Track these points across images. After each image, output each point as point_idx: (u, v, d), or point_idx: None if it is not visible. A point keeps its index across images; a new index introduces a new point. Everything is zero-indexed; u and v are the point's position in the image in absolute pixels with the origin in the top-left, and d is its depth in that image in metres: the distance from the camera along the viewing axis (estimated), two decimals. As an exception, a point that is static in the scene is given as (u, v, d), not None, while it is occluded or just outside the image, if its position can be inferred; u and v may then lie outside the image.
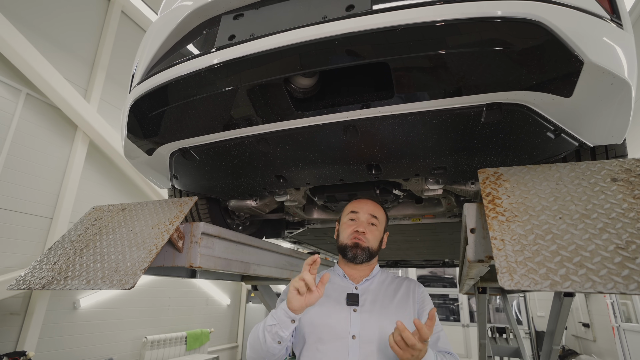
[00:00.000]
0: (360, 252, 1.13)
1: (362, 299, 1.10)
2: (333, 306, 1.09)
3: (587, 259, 0.63)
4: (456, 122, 0.97)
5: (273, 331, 0.97)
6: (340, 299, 1.11)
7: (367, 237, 1.15)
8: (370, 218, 1.18)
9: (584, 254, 0.64)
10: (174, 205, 1.33)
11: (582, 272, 0.61)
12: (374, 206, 1.22)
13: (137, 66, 1.27)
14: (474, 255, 0.85)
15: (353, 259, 1.13)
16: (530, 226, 0.72)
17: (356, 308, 1.07)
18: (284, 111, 1.05)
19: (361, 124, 1.03)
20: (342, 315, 1.06)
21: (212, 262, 1.29)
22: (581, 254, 0.64)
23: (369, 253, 1.14)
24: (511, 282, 0.64)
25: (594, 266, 0.61)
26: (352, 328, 1.03)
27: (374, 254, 1.17)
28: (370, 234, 1.16)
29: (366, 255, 1.14)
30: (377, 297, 1.11)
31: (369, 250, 1.14)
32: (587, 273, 0.61)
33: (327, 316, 1.07)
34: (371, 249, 1.15)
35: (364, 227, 1.16)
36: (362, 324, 1.03)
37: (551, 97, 0.86)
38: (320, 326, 1.05)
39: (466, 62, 0.82)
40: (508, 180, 0.87)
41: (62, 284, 1.12)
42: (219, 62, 0.98)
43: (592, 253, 0.63)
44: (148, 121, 1.23)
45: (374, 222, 1.18)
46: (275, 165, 1.28)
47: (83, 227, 1.39)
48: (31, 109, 3.71)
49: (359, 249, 1.13)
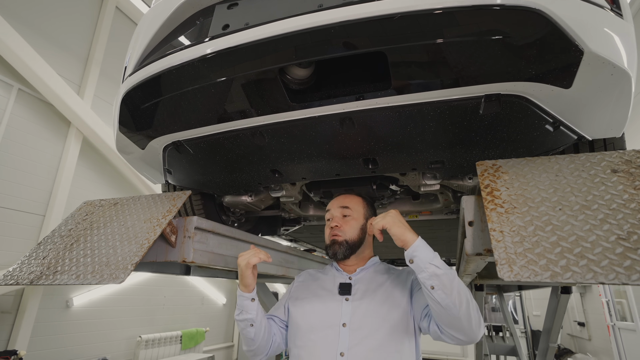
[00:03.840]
0: (337, 247, 1.13)
1: (355, 288, 1.10)
2: (326, 296, 1.10)
3: (588, 249, 0.62)
4: (454, 114, 0.95)
5: (242, 318, 1.02)
6: (334, 289, 1.11)
7: (342, 230, 1.14)
8: (341, 210, 1.18)
9: (585, 245, 0.62)
10: (167, 200, 1.30)
11: (583, 263, 0.60)
12: (344, 197, 1.22)
13: (130, 58, 1.25)
14: (472, 248, 0.83)
15: (334, 256, 1.14)
16: (530, 217, 0.71)
17: (348, 297, 1.07)
18: (279, 103, 1.03)
19: (358, 116, 1.01)
20: (334, 305, 1.06)
21: (206, 257, 1.27)
22: (582, 244, 0.63)
23: (348, 245, 1.13)
24: (510, 273, 0.63)
25: (595, 257, 0.60)
26: (343, 316, 1.03)
27: (354, 244, 1.15)
28: (344, 224, 1.15)
29: (345, 248, 1.12)
30: (370, 285, 1.10)
31: (347, 243, 1.13)
32: (588, 264, 0.60)
33: (319, 306, 1.08)
34: (349, 240, 1.13)
35: (336, 221, 1.16)
36: (353, 312, 1.03)
37: (550, 88, 0.85)
38: (312, 316, 1.06)
39: (464, 52, 0.80)
40: (507, 172, 0.85)
41: (51, 279, 1.09)
42: (212, 52, 0.96)
43: (593, 244, 0.62)
44: (140, 113, 1.21)
45: (345, 212, 1.17)
46: (271, 159, 1.26)
47: (74, 222, 1.36)
48: (23, 104, 3.65)
49: (335, 244, 1.13)
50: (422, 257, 0.84)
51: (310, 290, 1.16)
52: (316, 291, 1.14)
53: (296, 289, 1.20)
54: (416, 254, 0.85)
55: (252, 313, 1.03)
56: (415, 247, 0.86)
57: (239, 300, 1.05)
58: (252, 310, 1.03)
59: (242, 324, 1.04)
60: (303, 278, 1.25)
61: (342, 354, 0.96)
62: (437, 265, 0.83)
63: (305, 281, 1.22)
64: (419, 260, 0.84)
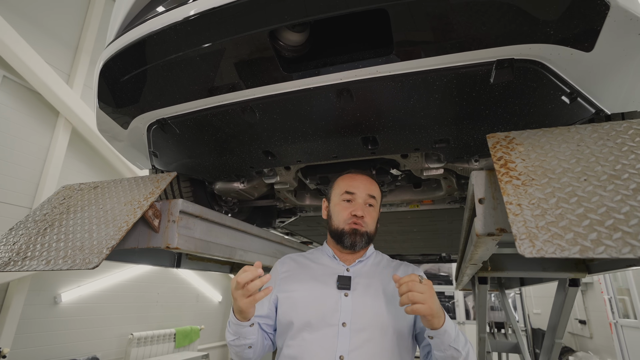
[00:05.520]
0: (359, 239, 1.01)
1: (355, 282, 0.99)
2: (321, 289, 0.98)
3: (622, 221, 0.53)
4: (462, 84, 0.87)
5: (239, 344, 0.90)
6: (329, 281, 0.99)
7: (365, 222, 1.03)
8: (367, 199, 1.05)
9: (618, 217, 0.54)
10: (150, 182, 1.21)
11: (617, 235, 0.52)
12: (371, 183, 1.10)
13: (111, 27, 1.15)
14: (482, 227, 0.75)
15: (352, 246, 1.02)
16: (551, 189, 0.63)
17: (347, 292, 0.96)
18: (271, 73, 0.94)
19: (356, 87, 0.92)
20: (331, 300, 0.95)
21: (192, 243, 1.17)
22: (614, 216, 0.55)
23: (368, 238, 1.04)
24: (532, 248, 0.54)
25: (631, 229, 0.52)
26: (343, 314, 0.92)
27: (372, 237, 1.06)
28: (368, 216, 1.04)
29: (365, 241, 1.03)
30: (372, 281, 1.00)
31: (367, 235, 1.03)
32: (624, 237, 0.51)
33: (314, 301, 0.95)
34: (370, 233, 1.04)
35: (362, 210, 1.02)
36: (354, 310, 0.92)
37: (570, 51, 0.77)
38: (306, 313, 0.94)
39: (476, 8, 0.72)
40: (521, 144, 0.77)
41: (20, 265, 1.00)
42: (196, 13, 0.87)
43: (627, 215, 0.54)
44: (121, 87, 1.12)
45: (371, 202, 1.06)
46: (263, 138, 1.17)
47: (50, 206, 1.26)
48: (9, 92, 3.53)
49: (357, 235, 1.01)
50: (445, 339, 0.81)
51: (300, 281, 1.02)
52: (308, 282, 1.01)
53: (282, 281, 1.05)
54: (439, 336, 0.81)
55: (252, 338, 0.90)
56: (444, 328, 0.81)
57: (234, 327, 0.88)
58: (252, 336, 0.90)
59: (237, 349, 0.91)
60: (287, 267, 1.10)
61: (341, 357, 0.86)
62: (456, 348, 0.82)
63: (292, 270, 1.08)
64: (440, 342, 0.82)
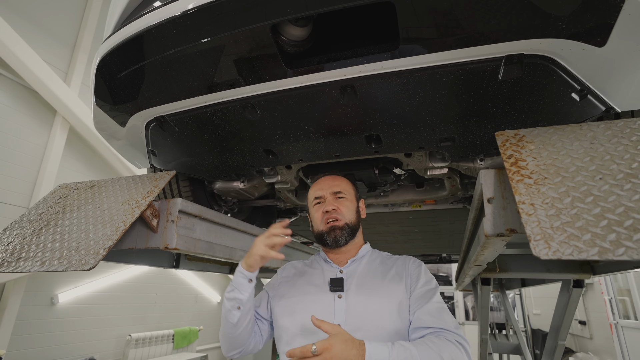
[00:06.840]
0: (339, 233, 1.00)
1: (348, 283, 0.97)
2: (315, 293, 0.97)
3: (643, 221, 0.51)
4: (469, 81, 0.85)
5: (231, 297, 0.93)
6: (323, 285, 0.98)
7: (340, 213, 1.02)
8: (334, 194, 1.05)
9: (637, 217, 0.52)
10: (148, 181, 1.18)
11: (637, 236, 0.50)
12: (333, 180, 1.09)
13: (108, 23, 1.13)
14: (492, 228, 0.73)
15: (335, 243, 1.01)
16: (565, 188, 0.60)
17: (341, 294, 0.95)
18: (272, 69, 0.91)
19: (360, 84, 0.90)
20: (325, 303, 0.94)
21: (192, 244, 1.15)
22: (633, 216, 0.52)
23: (350, 229, 1.02)
24: (548, 250, 0.52)
25: (652, 230, 0.50)
26: (337, 316, 0.91)
27: (355, 227, 1.04)
28: (342, 206, 1.03)
29: (348, 232, 1.01)
30: (365, 280, 0.98)
31: (348, 227, 1.02)
32: (645, 238, 0.49)
33: (309, 306, 0.94)
34: (350, 223, 1.03)
35: (332, 203, 1.03)
36: (348, 311, 0.91)
37: (582, 46, 0.75)
38: (301, 317, 0.93)
39: (485, 2, 0.70)
40: (532, 142, 0.75)
41: (14, 266, 0.97)
42: (195, 7, 0.84)
43: (647, 215, 0.52)
44: (118, 83, 1.09)
45: (340, 195, 1.05)
46: (264, 137, 1.14)
47: (45, 206, 1.23)
48: (5, 90, 3.49)
49: (336, 230, 1.01)
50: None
51: (296, 287, 1.03)
52: (304, 288, 1.01)
53: (280, 286, 1.06)
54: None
55: (245, 294, 0.92)
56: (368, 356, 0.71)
57: (236, 276, 0.95)
58: (246, 292, 0.93)
59: (229, 304, 0.93)
60: (287, 272, 1.11)
61: None
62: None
63: (290, 276, 1.08)
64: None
